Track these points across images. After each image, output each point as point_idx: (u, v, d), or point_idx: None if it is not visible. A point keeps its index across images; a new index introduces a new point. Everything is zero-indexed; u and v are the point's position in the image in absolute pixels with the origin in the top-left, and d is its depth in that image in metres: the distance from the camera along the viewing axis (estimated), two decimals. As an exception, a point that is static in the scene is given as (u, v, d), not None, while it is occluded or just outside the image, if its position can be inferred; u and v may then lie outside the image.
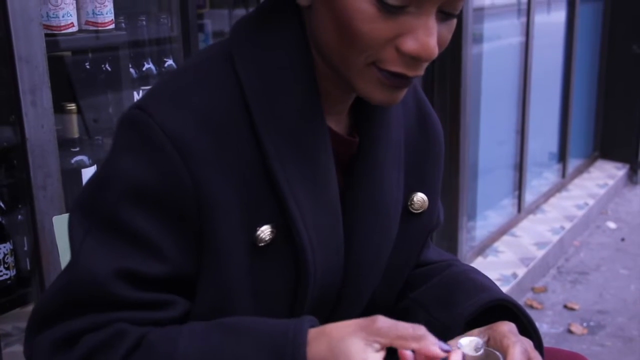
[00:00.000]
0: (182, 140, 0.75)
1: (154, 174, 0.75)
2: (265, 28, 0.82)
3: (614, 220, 4.23)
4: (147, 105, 0.77)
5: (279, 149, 0.79)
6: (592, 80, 4.91)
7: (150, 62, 1.92)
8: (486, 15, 3.42)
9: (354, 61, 0.76)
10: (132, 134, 0.77)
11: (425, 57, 0.74)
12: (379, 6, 0.72)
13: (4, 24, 1.34)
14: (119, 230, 0.76)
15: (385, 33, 0.73)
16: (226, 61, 0.81)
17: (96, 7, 1.62)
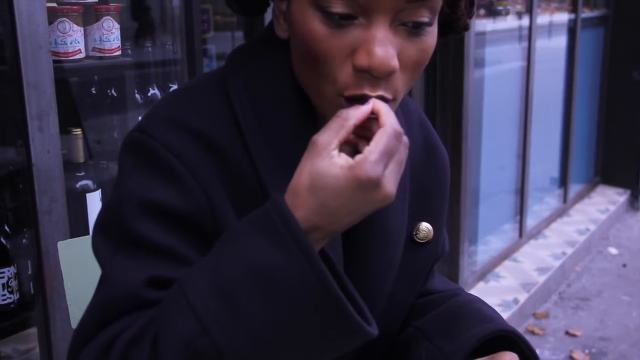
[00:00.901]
0: (187, 158, 0.77)
1: (168, 190, 0.76)
2: (258, 57, 0.84)
3: (616, 246, 4.23)
4: (147, 127, 0.79)
5: (273, 172, 0.80)
6: (593, 106, 4.94)
7: (156, 87, 1.94)
8: (488, 40, 3.45)
9: (325, 92, 0.76)
10: (139, 156, 0.79)
11: (378, 69, 0.70)
12: (326, 22, 0.72)
13: (13, 51, 1.36)
14: (143, 245, 0.77)
15: (339, 50, 0.72)
16: (220, 87, 0.83)
17: (103, 34, 1.65)
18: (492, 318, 0.95)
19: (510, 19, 3.74)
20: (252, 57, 0.84)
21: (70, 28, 1.56)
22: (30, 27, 1.36)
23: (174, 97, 0.85)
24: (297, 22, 0.75)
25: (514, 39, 3.78)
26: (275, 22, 0.81)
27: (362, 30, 0.71)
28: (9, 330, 1.52)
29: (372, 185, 0.67)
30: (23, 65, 1.36)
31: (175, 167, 0.76)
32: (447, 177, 1.01)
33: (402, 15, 0.71)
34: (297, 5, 0.75)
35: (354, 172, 0.67)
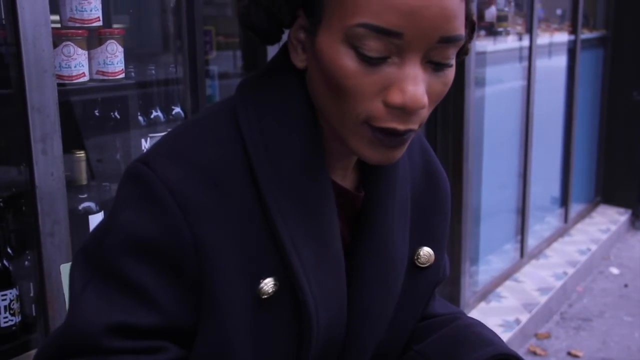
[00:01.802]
0: (184, 195, 0.77)
1: (155, 227, 0.77)
2: (268, 87, 0.84)
3: (617, 266, 4.23)
4: (151, 160, 0.79)
5: (281, 204, 0.80)
6: (593, 125, 4.96)
7: (158, 109, 1.95)
8: (488, 60, 3.47)
9: (347, 120, 0.77)
10: (135, 188, 0.79)
11: (411, 107, 0.73)
12: (360, 60, 0.73)
13: (18, 75, 1.38)
14: (118, 281, 0.78)
15: (370, 87, 0.74)
16: (230, 117, 0.83)
17: (107, 57, 1.66)
18: (492, 342, 0.96)
19: (511, 39, 3.76)
20: (263, 87, 0.85)
21: (75, 52, 1.58)
22: (35, 51, 1.37)
23: (183, 129, 0.85)
24: (325, 56, 0.75)
25: (515, 59, 3.81)
26: (292, 51, 0.82)
27: (395, 68, 0.73)
28: (10, 352, 1.51)
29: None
30: (28, 89, 1.38)
31: (167, 205, 0.76)
32: (448, 201, 1.02)
33: (432, 54, 0.74)
34: (327, 40, 0.75)
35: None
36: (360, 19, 0.71)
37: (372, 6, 0.70)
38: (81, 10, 1.60)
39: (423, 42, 0.72)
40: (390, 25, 0.70)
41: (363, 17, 0.71)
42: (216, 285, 0.79)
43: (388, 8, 0.70)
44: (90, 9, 1.61)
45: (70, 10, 1.61)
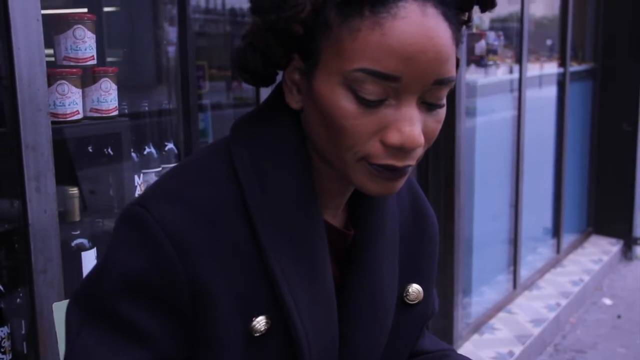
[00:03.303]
0: (179, 236, 0.78)
1: (150, 268, 0.78)
2: (263, 128, 0.86)
3: (610, 297, 4.23)
4: (146, 202, 0.80)
5: (275, 243, 0.81)
6: (584, 156, 5.00)
7: (151, 145, 1.96)
8: (479, 91, 3.52)
9: (345, 158, 0.79)
10: (131, 229, 0.80)
11: (409, 146, 0.75)
12: (359, 103, 0.75)
13: (13, 114, 1.39)
14: (114, 323, 0.79)
15: (368, 128, 0.76)
16: (225, 158, 0.84)
17: (101, 95, 1.68)
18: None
19: (501, 72, 3.81)
20: (257, 127, 0.86)
21: (69, 90, 1.59)
22: (30, 90, 1.39)
23: (178, 170, 0.87)
24: (324, 97, 0.77)
25: (505, 91, 3.85)
26: (287, 92, 0.83)
27: (392, 109, 0.75)
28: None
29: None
30: (22, 127, 1.39)
31: (162, 246, 0.78)
32: (436, 239, 1.04)
33: (426, 96, 0.76)
34: (325, 82, 0.77)
35: None
36: (359, 64, 0.73)
37: (370, 52, 0.73)
38: (76, 49, 1.62)
39: (419, 85, 0.74)
40: (389, 70, 0.73)
41: (362, 62, 0.73)
42: (210, 322, 0.80)
43: (386, 54, 0.72)
44: (84, 48, 1.63)
45: (65, 49, 1.63)
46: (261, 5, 0.77)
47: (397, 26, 0.72)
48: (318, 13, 0.76)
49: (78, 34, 1.62)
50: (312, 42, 0.78)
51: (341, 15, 0.74)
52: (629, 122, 4.82)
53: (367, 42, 0.73)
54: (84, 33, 1.63)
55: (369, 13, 0.73)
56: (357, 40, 0.73)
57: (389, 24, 0.72)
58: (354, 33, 0.73)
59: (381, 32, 0.72)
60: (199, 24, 3.35)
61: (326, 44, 0.76)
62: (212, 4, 3.89)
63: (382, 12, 0.72)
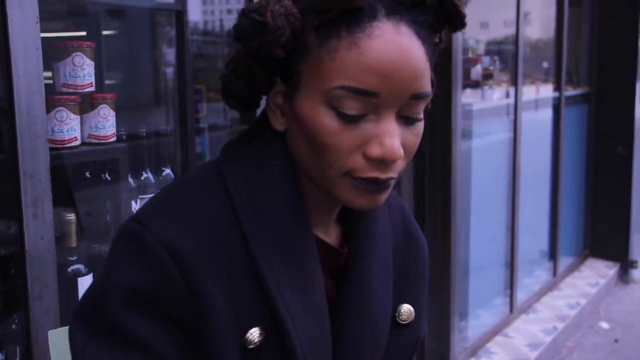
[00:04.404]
0: (177, 249, 0.80)
1: (151, 280, 0.80)
2: (252, 149, 0.89)
3: (607, 320, 4.22)
4: (143, 218, 0.82)
5: (268, 256, 0.83)
6: (580, 179, 5.02)
7: (149, 171, 1.97)
8: (475, 115, 3.54)
9: (329, 173, 0.82)
10: (129, 245, 0.82)
11: (390, 158, 0.79)
12: (340, 119, 0.78)
13: (11, 141, 1.40)
14: (119, 336, 0.80)
15: (349, 143, 0.79)
16: (217, 177, 0.87)
17: (99, 121, 1.69)
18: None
19: (497, 96, 3.84)
20: (247, 149, 0.89)
21: (67, 117, 1.60)
22: (29, 118, 1.40)
23: (172, 188, 0.89)
24: (307, 117, 0.80)
25: (500, 116, 3.88)
26: (272, 115, 0.87)
27: (372, 124, 0.79)
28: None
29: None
30: (20, 155, 1.40)
31: (161, 259, 0.79)
32: (427, 260, 1.06)
33: (404, 110, 0.80)
34: (307, 102, 0.81)
35: None
36: (338, 82, 0.77)
37: (349, 70, 0.77)
38: (74, 76, 1.64)
39: (397, 100, 0.78)
40: (367, 86, 0.77)
41: (341, 80, 0.77)
42: (207, 335, 0.81)
43: (364, 71, 0.76)
44: (83, 75, 1.65)
45: (63, 76, 1.65)
46: (243, 32, 0.81)
47: (372, 44, 0.76)
48: (297, 37, 0.80)
49: (77, 61, 1.63)
50: (292, 65, 0.82)
51: (319, 37, 0.79)
52: (624, 145, 4.85)
53: (345, 61, 0.77)
54: (82, 60, 1.64)
55: (345, 33, 0.77)
56: (335, 60, 0.77)
57: (364, 43, 0.76)
58: (332, 53, 0.77)
59: (358, 51, 0.76)
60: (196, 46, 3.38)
61: (306, 66, 0.80)
62: (209, 26, 3.92)
63: (358, 32, 0.77)
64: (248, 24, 0.80)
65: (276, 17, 0.79)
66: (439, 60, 0.88)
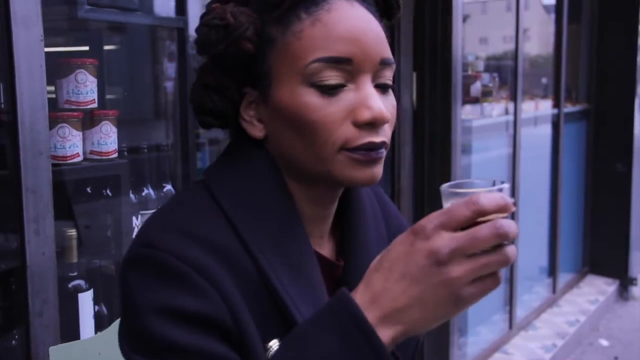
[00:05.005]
0: (199, 264, 0.78)
1: (185, 295, 0.77)
2: (236, 164, 0.88)
3: (607, 338, 4.21)
4: (150, 240, 0.81)
5: (275, 269, 0.82)
6: (579, 196, 5.03)
7: (150, 187, 1.98)
8: (474, 131, 3.55)
9: (325, 153, 0.82)
10: (149, 270, 0.79)
11: (380, 118, 0.81)
12: (322, 94, 0.81)
13: (14, 157, 1.41)
14: (176, 351, 0.77)
15: (337, 115, 0.81)
16: (208, 197, 0.86)
17: (101, 137, 1.70)
18: None
19: (496, 113, 3.85)
20: (231, 167, 0.88)
21: (70, 133, 1.62)
22: (32, 135, 1.41)
23: (168, 208, 0.88)
24: (287, 104, 0.82)
25: (500, 132, 3.89)
26: (249, 126, 0.87)
27: (353, 93, 0.82)
28: None
29: (438, 265, 0.68)
30: (23, 171, 1.40)
31: (187, 274, 0.77)
32: None
33: (377, 77, 0.84)
34: (284, 91, 0.82)
35: (425, 245, 0.69)
36: (312, 56, 0.80)
37: (319, 43, 0.81)
38: (77, 93, 1.65)
39: (369, 64, 0.82)
40: (339, 53, 0.80)
41: (314, 54, 0.80)
42: (249, 345, 0.80)
43: (333, 40, 0.81)
44: (86, 92, 1.66)
45: (66, 93, 1.66)
46: (207, 40, 0.83)
47: (333, 17, 0.81)
48: (260, 34, 0.83)
49: (80, 78, 1.65)
50: (260, 66, 0.84)
51: (281, 26, 0.82)
52: (623, 162, 4.87)
53: (312, 36, 0.81)
54: (85, 77, 1.66)
55: (305, 15, 0.82)
56: (303, 39, 0.81)
57: (326, 17, 0.81)
58: (298, 34, 0.81)
59: (321, 25, 0.81)
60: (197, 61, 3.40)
61: (275, 57, 0.83)
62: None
63: (317, 10, 0.81)
64: (211, 32, 0.82)
65: (237, 16, 0.82)
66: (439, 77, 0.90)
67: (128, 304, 0.82)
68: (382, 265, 0.72)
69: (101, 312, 1.80)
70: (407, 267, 0.70)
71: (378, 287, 0.72)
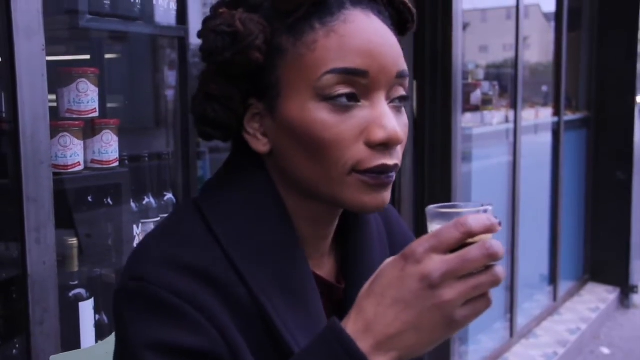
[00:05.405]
0: (193, 297, 0.76)
1: (180, 331, 0.75)
2: (233, 184, 0.84)
3: (608, 346, 4.20)
4: (142, 273, 0.78)
5: (270, 296, 0.80)
6: (579, 203, 5.03)
7: (151, 196, 1.99)
8: (474, 139, 3.55)
9: (335, 174, 0.78)
10: (145, 305, 0.77)
11: (394, 140, 0.77)
12: (335, 110, 0.77)
13: (15, 166, 1.41)
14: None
15: (350, 133, 0.77)
16: (200, 223, 0.82)
17: (102, 146, 1.71)
18: None
19: (496, 121, 3.86)
20: (227, 188, 0.85)
21: (71, 142, 1.62)
22: (33, 144, 1.41)
23: (159, 235, 0.85)
24: (297, 120, 0.78)
25: (500, 140, 3.90)
26: (252, 140, 0.83)
27: (367, 110, 0.78)
28: None
29: (429, 287, 0.67)
30: (24, 180, 1.41)
31: (180, 308, 0.75)
32: None
33: (392, 92, 0.80)
34: (293, 106, 0.78)
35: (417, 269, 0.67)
36: (325, 67, 0.76)
37: (334, 54, 0.76)
38: (78, 102, 1.66)
39: (385, 79, 0.78)
40: (355, 65, 0.76)
41: (328, 65, 0.76)
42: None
43: (349, 52, 0.76)
44: (87, 101, 1.67)
45: (68, 102, 1.67)
46: (214, 47, 0.78)
47: (349, 28, 0.77)
48: (269, 43, 0.79)
49: (81, 87, 1.65)
50: (268, 76, 0.79)
51: (293, 36, 0.78)
52: (623, 170, 4.87)
53: (327, 47, 0.77)
54: (87, 87, 1.66)
55: (319, 25, 0.77)
56: (317, 50, 0.77)
57: (342, 28, 0.77)
58: (312, 45, 0.77)
59: (337, 36, 0.77)
60: (198, 69, 3.41)
61: (285, 69, 0.78)
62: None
63: (332, 21, 0.77)
64: (217, 38, 0.78)
65: (246, 23, 0.77)
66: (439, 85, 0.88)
67: (122, 338, 0.80)
68: (373, 290, 0.70)
69: (102, 321, 1.80)
70: (400, 292, 0.68)
71: (370, 313, 0.69)
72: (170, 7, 1.98)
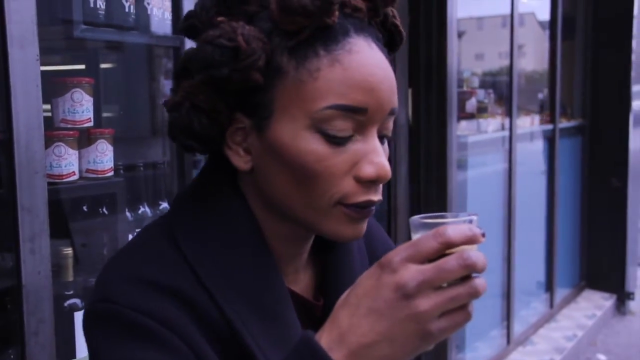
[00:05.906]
0: (160, 314, 0.75)
1: (150, 351, 0.74)
2: (205, 203, 0.82)
3: (604, 352, 4.20)
4: (109, 294, 0.76)
5: (243, 316, 0.78)
6: (575, 210, 5.04)
7: (146, 205, 1.99)
8: (470, 144, 3.56)
9: (319, 205, 0.77)
10: (116, 327, 0.75)
11: (383, 177, 0.76)
12: (329, 143, 0.75)
13: (9, 176, 1.41)
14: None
15: (341, 167, 0.76)
16: (169, 238, 0.80)
17: (97, 156, 1.71)
18: None
19: (492, 128, 3.87)
20: (200, 202, 0.83)
21: (66, 152, 1.62)
22: (27, 154, 1.41)
23: (127, 254, 0.82)
24: (287, 146, 0.76)
25: (496, 148, 3.91)
26: (233, 155, 0.80)
27: (360, 144, 0.77)
28: None
29: (404, 301, 0.64)
30: (19, 190, 1.40)
31: (149, 327, 0.74)
32: None
33: (382, 127, 0.79)
34: (286, 131, 0.76)
35: (391, 279, 0.65)
36: (327, 101, 0.74)
37: (336, 89, 0.74)
38: (73, 112, 1.66)
39: (380, 115, 0.77)
40: (357, 102, 0.75)
41: (330, 99, 0.74)
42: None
43: (352, 88, 0.74)
44: (82, 111, 1.67)
45: (62, 112, 1.66)
46: (210, 60, 0.74)
47: (354, 60, 0.75)
48: (269, 62, 0.75)
49: (76, 97, 1.65)
50: (260, 94, 0.76)
51: (295, 59, 0.75)
52: (618, 177, 4.88)
53: (330, 79, 0.74)
54: (81, 96, 1.66)
55: (323, 52, 0.75)
56: (319, 80, 0.74)
57: (347, 59, 0.75)
58: (315, 73, 0.74)
59: (342, 68, 0.74)
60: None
61: (283, 91, 0.76)
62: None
63: (337, 49, 0.75)
64: (215, 52, 0.74)
65: (249, 40, 0.74)
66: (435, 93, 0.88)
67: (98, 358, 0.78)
68: (348, 301, 0.68)
69: (97, 331, 1.80)
70: (374, 302, 0.66)
71: (345, 324, 0.67)
72: (165, 16, 1.99)
